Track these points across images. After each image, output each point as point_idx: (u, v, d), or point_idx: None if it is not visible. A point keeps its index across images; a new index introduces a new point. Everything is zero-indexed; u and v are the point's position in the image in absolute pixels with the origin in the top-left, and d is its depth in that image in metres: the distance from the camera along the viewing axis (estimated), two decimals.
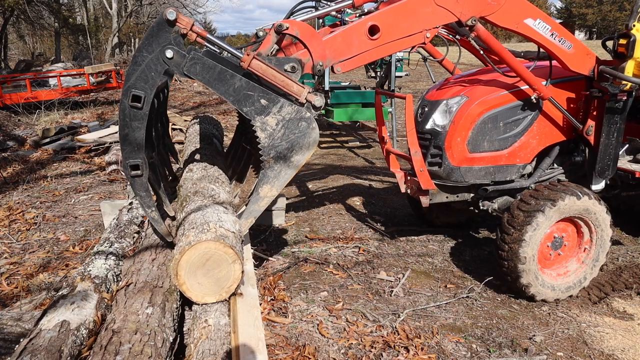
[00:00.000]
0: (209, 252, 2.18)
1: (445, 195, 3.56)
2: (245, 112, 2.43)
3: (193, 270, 2.19)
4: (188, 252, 2.16)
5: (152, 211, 2.60)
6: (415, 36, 2.84)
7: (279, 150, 2.50)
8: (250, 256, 2.69)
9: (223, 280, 2.24)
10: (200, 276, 2.21)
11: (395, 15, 2.76)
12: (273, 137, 2.47)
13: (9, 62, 25.39)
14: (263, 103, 2.43)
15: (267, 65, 2.45)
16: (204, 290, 2.24)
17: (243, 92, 2.40)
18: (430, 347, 2.81)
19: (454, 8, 2.85)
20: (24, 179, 6.29)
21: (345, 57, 2.72)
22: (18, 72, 17.99)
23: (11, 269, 3.81)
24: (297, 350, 2.74)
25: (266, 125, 2.45)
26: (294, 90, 2.48)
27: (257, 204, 2.62)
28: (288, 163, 2.53)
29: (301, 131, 2.49)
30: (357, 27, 2.70)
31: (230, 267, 2.22)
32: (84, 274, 2.54)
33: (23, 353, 1.87)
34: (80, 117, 11.35)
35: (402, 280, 3.57)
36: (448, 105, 3.40)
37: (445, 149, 3.38)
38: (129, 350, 1.90)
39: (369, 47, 2.75)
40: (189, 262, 2.17)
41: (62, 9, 26.99)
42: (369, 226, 4.62)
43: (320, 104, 2.53)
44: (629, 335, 2.93)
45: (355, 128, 9.72)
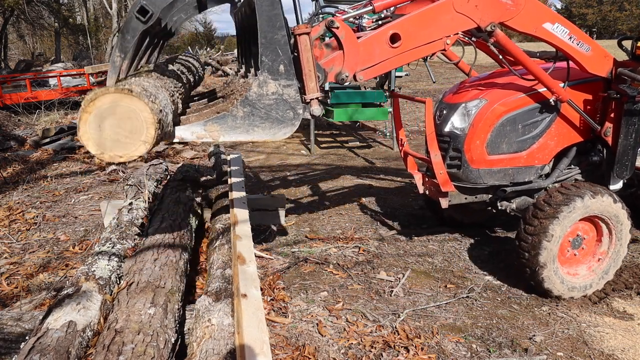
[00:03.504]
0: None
1: (464, 197, 3.61)
2: (261, 60, 2.38)
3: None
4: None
5: (119, 57, 2.35)
6: (435, 43, 2.87)
7: (253, 113, 2.43)
8: (254, 258, 2.69)
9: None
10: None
11: (416, 23, 2.80)
12: (260, 98, 2.40)
13: (9, 62, 25.38)
14: (280, 69, 2.38)
15: (311, 48, 2.45)
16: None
17: (276, 46, 2.35)
18: (430, 347, 2.81)
19: (474, 14, 2.88)
20: (24, 179, 6.29)
21: (367, 66, 2.74)
22: (18, 72, 17.99)
23: (11, 269, 3.82)
24: (297, 350, 2.75)
25: (265, 86, 2.40)
26: (309, 85, 2.48)
27: (197, 130, 2.47)
28: (248, 129, 2.45)
29: (282, 117, 2.44)
30: (379, 36, 2.73)
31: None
32: (88, 274, 2.54)
33: (32, 351, 1.88)
34: None
35: (402, 280, 3.57)
36: (467, 108, 3.45)
37: (464, 151, 3.43)
38: (132, 351, 1.90)
39: (390, 55, 2.78)
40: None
41: (62, 9, 26.99)
42: (388, 226, 4.62)
43: (317, 114, 2.54)
44: (629, 335, 2.93)
45: (355, 128, 9.73)
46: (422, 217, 4.83)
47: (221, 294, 2.55)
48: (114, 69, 2.24)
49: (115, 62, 2.24)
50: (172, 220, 3.46)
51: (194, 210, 4.00)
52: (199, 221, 4.18)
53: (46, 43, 35.23)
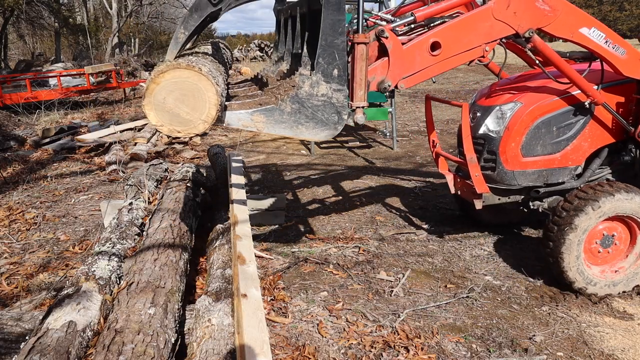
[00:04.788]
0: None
1: (497, 198, 3.66)
2: (318, 61, 2.42)
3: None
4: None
5: (183, 34, 2.43)
6: (474, 50, 2.92)
7: (300, 110, 2.47)
8: (254, 258, 2.69)
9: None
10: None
11: (456, 30, 2.85)
12: (310, 98, 2.45)
13: (9, 62, 25.38)
14: (334, 73, 2.42)
15: (366, 57, 2.50)
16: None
17: (334, 50, 2.39)
18: (430, 347, 2.82)
19: (512, 21, 2.92)
20: (24, 179, 6.29)
21: (408, 74, 2.79)
22: (18, 72, 17.99)
23: (11, 269, 3.82)
24: (297, 350, 2.75)
25: (316, 86, 2.44)
26: (357, 93, 2.54)
27: (243, 119, 2.49)
28: (292, 125, 2.49)
29: (327, 119, 2.49)
30: (420, 44, 2.78)
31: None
32: (88, 274, 2.54)
33: (32, 351, 1.88)
34: (80, 117, 11.35)
35: (402, 280, 3.57)
36: (502, 111, 3.50)
37: (499, 153, 3.48)
38: (132, 351, 1.90)
39: (431, 63, 2.83)
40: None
41: (62, 9, 26.99)
42: (388, 226, 4.62)
43: (361, 122, 2.61)
44: (629, 335, 2.93)
45: (356, 128, 9.72)
46: (422, 217, 4.83)
47: (221, 294, 2.55)
48: (176, 45, 2.30)
49: (179, 38, 2.29)
50: (172, 220, 3.46)
51: (194, 210, 4.00)
52: (199, 221, 4.18)
53: (46, 43, 35.21)
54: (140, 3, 30.49)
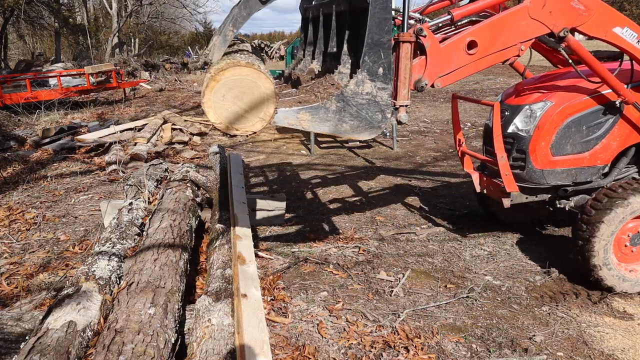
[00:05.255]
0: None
1: (525, 197, 3.68)
2: (363, 59, 2.42)
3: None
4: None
5: (231, 31, 2.45)
6: (510, 49, 2.94)
7: (344, 109, 2.48)
8: (254, 258, 2.70)
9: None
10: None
11: (492, 29, 2.87)
12: (354, 96, 2.45)
13: (9, 62, 25.39)
14: (379, 71, 2.43)
15: (410, 56, 2.53)
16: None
17: (380, 48, 2.39)
18: (430, 347, 2.81)
19: (548, 20, 2.94)
20: (24, 179, 6.29)
21: (445, 72, 2.82)
22: (18, 72, 18.00)
23: (11, 269, 3.82)
24: (297, 350, 2.75)
25: (362, 85, 2.44)
26: (401, 92, 2.58)
27: (289, 116, 2.49)
28: (337, 124, 2.50)
29: (371, 118, 2.49)
30: (456, 43, 2.80)
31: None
32: (88, 274, 2.54)
33: (32, 351, 1.88)
34: (80, 117, 11.35)
35: (402, 280, 3.57)
36: (532, 110, 3.51)
37: (529, 152, 3.50)
38: (132, 351, 1.90)
39: (467, 62, 2.85)
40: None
41: (62, 9, 27.00)
42: (388, 226, 4.62)
43: (404, 121, 2.63)
44: (629, 335, 2.93)
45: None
46: (422, 217, 4.83)
47: (221, 294, 2.55)
48: (224, 42, 2.31)
49: (227, 35, 2.30)
50: (172, 220, 3.46)
51: (194, 210, 4.00)
52: (199, 221, 4.18)
53: (46, 43, 35.23)
54: (140, 3, 30.49)
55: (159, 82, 18.16)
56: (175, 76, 20.46)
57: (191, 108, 12.90)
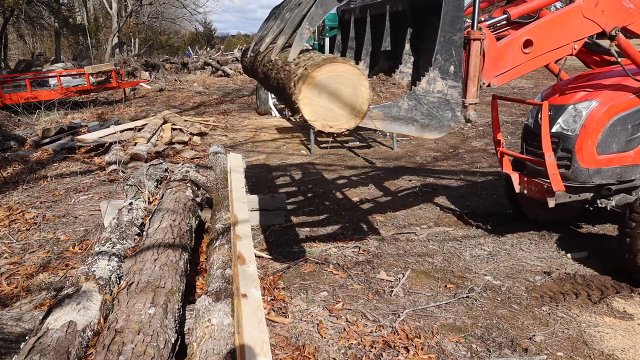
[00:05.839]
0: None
1: (569, 196, 3.69)
2: (436, 57, 2.43)
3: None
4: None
5: (308, 30, 2.37)
6: (564, 48, 2.98)
7: (416, 107, 2.48)
8: (254, 258, 2.69)
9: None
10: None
11: (547, 28, 2.91)
12: (426, 94, 2.45)
13: (9, 62, 25.39)
14: (450, 69, 2.44)
15: (480, 53, 2.56)
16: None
17: (451, 46, 2.41)
18: (430, 347, 2.81)
19: (600, 20, 2.98)
20: (24, 179, 6.29)
21: (501, 71, 2.83)
22: (18, 72, 18.00)
23: (11, 269, 3.82)
24: (297, 350, 2.75)
25: (433, 83, 2.45)
26: (471, 90, 2.59)
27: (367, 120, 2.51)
28: (408, 122, 2.50)
29: (441, 116, 2.50)
30: (513, 42, 2.83)
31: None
32: (88, 274, 2.54)
33: (32, 351, 1.88)
34: (80, 117, 11.35)
35: (402, 280, 3.57)
36: (577, 109, 3.54)
37: (575, 152, 3.52)
38: (132, 351, 1.90)
39: (522, 61, 2.88)
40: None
41: (62, 9, 27.01)
42: (388, 226, 4.62)
43: (473, 119, 2.65)
44: (629, 335, 2.93)
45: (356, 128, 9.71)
46: (422, 217, 4.83)
47: (221, 294, 2.55)
48: (300, 41, 2.30)
49: (304, 34, 2.29)
50: (172, 220, 3.46)
51: (194, 210, 4.00)
52: (199, 221, 4.18)
53: (46, 43, 35.23)
54: (140, 3, 30.50)
55: (159, 82, 18.16)
56: (175, 76, 20.46)
57: (191, 108, 12.90)
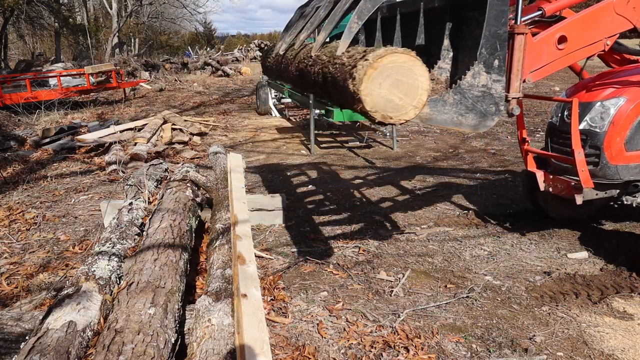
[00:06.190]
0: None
1: (596, 193, 3.71)
2: (481, 52, 2.45)
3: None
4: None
5: (356, 23, 2.39)
6: (596, 44, 3.01)
7: (461, 101, 2.50)
8: (254, 258, 2.69)
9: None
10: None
11: (580, 25, 2.94)
12: (471, 88, 2.47)
13: (9, 62, 25.39)
14: (495, 63, 2.46)
15: (523, 47, 2.61)
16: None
17: (496, 40, 2.43)
18: (430, 347, 2.82)
19: (632, 16, 3.01)
20: (24, 179, 6.30)
21: (536, 67, 2.86)
22: (18, 72, 18.00)
23: (11, 269, 3.82)
24: (297, 350, 2.75)
25: (478, 77, 2.47)
26: (514, 84, 2.61)
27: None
28: (453, 116, 2.52)
29: (485, 110, 2.52)
30: (547, 38, 2.85)
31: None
32: (88, 274, 2.54)
33: (32, 351, 1.88)
34: (80, 117, 11.35)
35: (402, 280, 3.57)
36: (605, 106, 3.57)
37: (603, 148, 3.55)
38: (132, 351, 1.90)
39: (556, 57, 2.90)
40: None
41: (62, 9, 27.01)
42: (388, 226, 4.62)
43: (516, 113, 2.66)
44: (629, 335, 2.93)
45: (355, 128, 9.73)
46: (423, 217, 4.83)
47: (221, 294, 2.55)
48: (349, 35, 2.31)
49: (352, 27, 2.31)
50: (172, 220, 3.46)
51: (194, 210, 4.00)
52: (199, 221, 4.18)
53: (46, 43, 35.24)
54: (140, 3, 30.50)
55: (159, 82, 18.17)
56: (175, 76, 20.47)
57: (191, 108, 12.90)
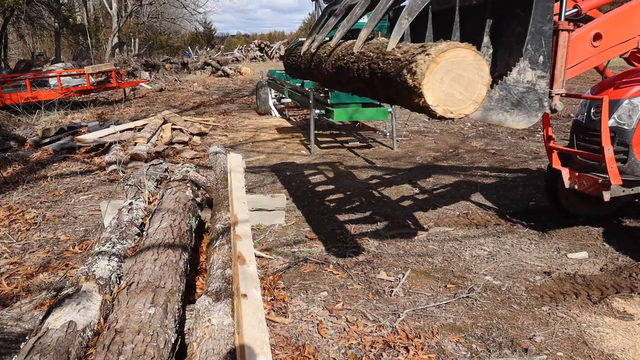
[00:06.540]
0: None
1: (622, 190, 3.75)
2: (526, 48, 2.47)
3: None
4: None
5: (406, 19, 2.43)
6: (630, 42, 3.03)
7: (506, 97, 2.52)
8: (254, 258, 2.69)
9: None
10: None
11: (615, 22, 2.97)
12: (516, 84, 2.50)
13: (9, 62, 25.39)
14: (540, 59, 2.48)
15: (567, 44, 2.64)
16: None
17: (541, 37, 2.45)
18: (430, 347, 2.82)
19: None
20: (24, 179, 6.29)
21: (572, 64, 2.88)
22: (18, 72, 18.00)
23: (11, 269, 3.82)
24: (297, 350, 2.75)
25: (523, 73, 2.49)
26: (557, 81, 2.64)
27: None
28: (498, 112, 2.54)
29: (530, 106, 2.53)
30: (583, 35, 2.89)
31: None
32: (88, 274, 2.54)
33: (32, 351, 1.88)
34: (80, 117, 11.35)
35: (402, 280, 3.57)
36: (633, 103, 3.63)
37: (632, 145, 3.60)
38: (132, 351, 1.90)
39: (591, 54, 2.93)
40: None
41: (62, 9, 27.01)
42: (388, 226, 4.62)
43: (560, 109, 2.68)
44: (629, 335, 2.93)
45: (355, 128, 9.73)
46: (422, 217, 4.83)
47: (221, 294, 2.55)
48: (399, 31, 2.34)
49: (402, 24, 2.34)
50: (172, 220, 3.46)
51: (194, 210, 4.00)
52: (199, 221, 4.18)
53: (46, 43, 35.25)
54: (140, 3, 30.50)
55: (159, 82, 18.17)
56: (175, 76, 20.48)
57: (191, 108, 12.91)
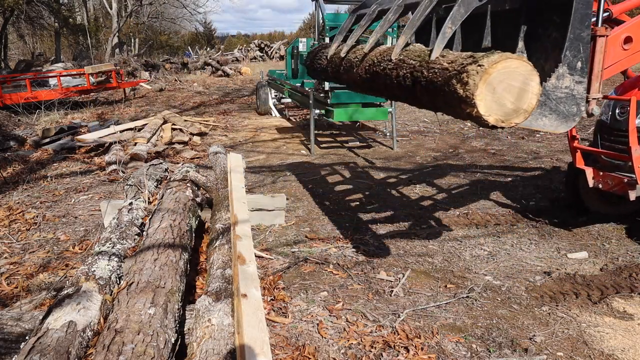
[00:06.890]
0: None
1: None
2: (565, 54, 2.51)
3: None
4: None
5: (450, 28, 2.46)
6: None
7: (545, 103, 2.55)
8: (254, 258, 2.69)
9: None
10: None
11: None
12: (555, 90, 2.53)
13: (9, 62, 25.39)
14: (578, 65, 2.51)
15: (604, 50, 2.68)
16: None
17: (580, 43, 2.48)
18: (430, 347, 2.82)
19: None
20: (24, 179, 6.29)
21: (603, 68, 2.91)
22: (18, 72, 18.00)
23: (11, 269, 3.82)
24: (297, 350, 2.75)
25: (562, 79, 2.52)
26: (594, 85, 2.66)
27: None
28: (537, 117, 2.56)
29: (567, 111, 2.56)
30: (614, 38, 2.92)
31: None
32: (88, 274, 2.54)
33: (32, 351, 1.88)
34: (80, 117, 11.35)
35: (402, 280, 3.57)
36: None
37: None
38: (132, 351, 1.90)
39: (622, 57, 2.97)
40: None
41: (62, 9, 27.00)
42: (388, 226, 4.62)
43: (595, 113, 2.70)
44: (629, 335, 2.93)
45: (355, 128, 9.73)
46: (422, 217, 4.83)
47: (221, 294, 2.55)
48: (443, 40, 2.37)
49: (446, 32, 2.36)
50: (172, 220, 3.46)
51: (194, 210, 4.00)
52: (199, 221, 4.18)
53: (46, 43, 35.24)
54: (140, 3, 30.49)
55: (159, 82, 18.17)
56: (175, 76, 20.48)
57: (191, 108, 12.90)
